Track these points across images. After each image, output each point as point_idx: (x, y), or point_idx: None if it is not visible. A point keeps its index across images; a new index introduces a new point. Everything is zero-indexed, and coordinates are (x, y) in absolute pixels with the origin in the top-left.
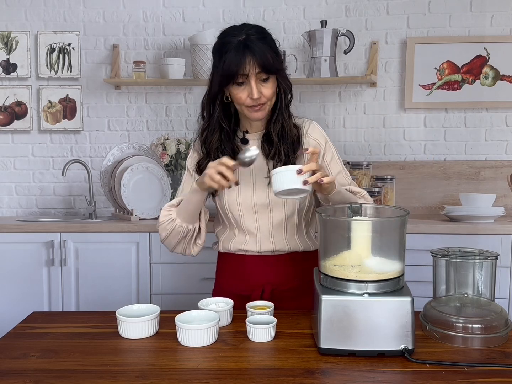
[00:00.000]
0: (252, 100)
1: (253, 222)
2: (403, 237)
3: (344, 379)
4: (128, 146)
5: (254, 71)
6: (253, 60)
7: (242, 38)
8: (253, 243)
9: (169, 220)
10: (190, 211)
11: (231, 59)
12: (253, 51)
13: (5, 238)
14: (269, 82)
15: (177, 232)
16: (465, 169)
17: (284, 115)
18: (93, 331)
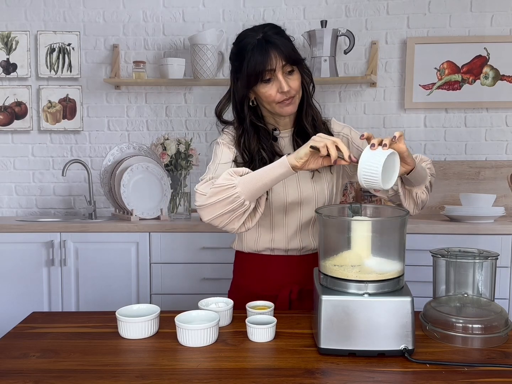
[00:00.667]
0: (283, 94)
1: (282, 219)
2: (403, 237)
3: (344, 379)
4: (128, 146)
5: (280, 64)
6: (277, 54)
7: (261, 36)
8: (280, 241)
9: (229, 185)
10: (261, 186)
11: (256, 57)
12: (276, 45)
13: (5, 238)
14: (294, 74)
15: (231, 201)
16: (465, 169)
17: (313, 106)
18: (93, 331)
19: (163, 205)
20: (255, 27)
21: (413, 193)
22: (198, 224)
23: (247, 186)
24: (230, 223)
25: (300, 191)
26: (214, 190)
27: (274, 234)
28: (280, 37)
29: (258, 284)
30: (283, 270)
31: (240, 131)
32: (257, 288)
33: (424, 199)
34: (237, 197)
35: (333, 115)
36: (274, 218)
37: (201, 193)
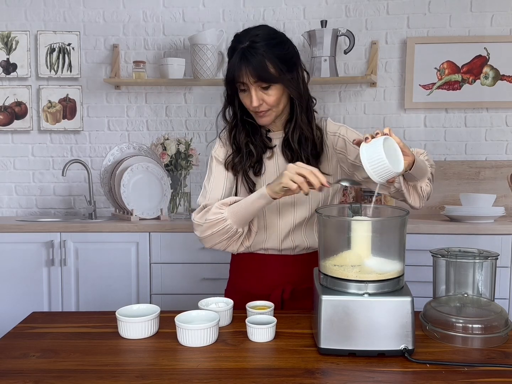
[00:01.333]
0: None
1: (275, 220)
2: (403, 237)
3: (344, 379)
4: (128, 146)
5: (251, 80)
6: (249, 71)
7: (245, 45)
8: (274, 241)
9: (220, 219)
10: (247, 215)
11: (231, 67)
12: (249, 61)
13: (5, 238)
14: (271, 90)
15: (225, 232)
16: (465, 169)
17: (302, 122)
18: (93, 331)
19: (163, 205)
20: (250, 30)
21: (418, 188)
22: None
23: (236, 217)
24: (229, 247)
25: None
26: (207, 225)
27: (267, 234)
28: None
29: (252, 284)
30: (278, 270)
31: (233, 123)
32: (252, 288)
33: (429, 191)
34: (230, 228)
35: (333, 115)
36: (267, 219)
37: (198, 223)
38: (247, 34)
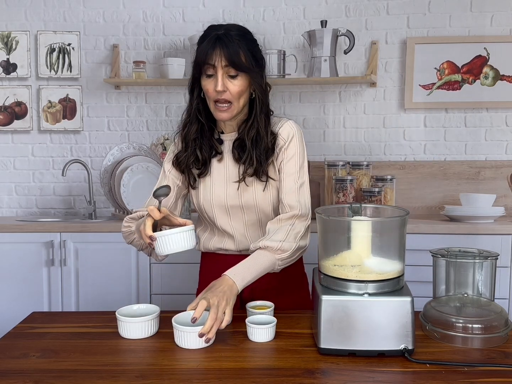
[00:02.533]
0: (217, 93)
1: (228, 223)
2: (403, 237)
3: (344, 379)
4: (128, 146)
5: (221, 63)
6: (221, 52)
7: (220, 32)
8: (231, 243)
9: (128, 232)
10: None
11: (203, 48)
12: (224, 43)
13: (5, 238)
14: (237, 80)
15: (137, 244)
16: (465, 169)
17: (260, 121)
18: (93, 331)
19: None
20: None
21: None
22: None
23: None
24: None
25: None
26: (123, 235)
27: (223, 236)
28: (238, 40)
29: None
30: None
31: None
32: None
33: None
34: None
35: (333, 115)
36: (219, 220)
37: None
38: (222, 26)
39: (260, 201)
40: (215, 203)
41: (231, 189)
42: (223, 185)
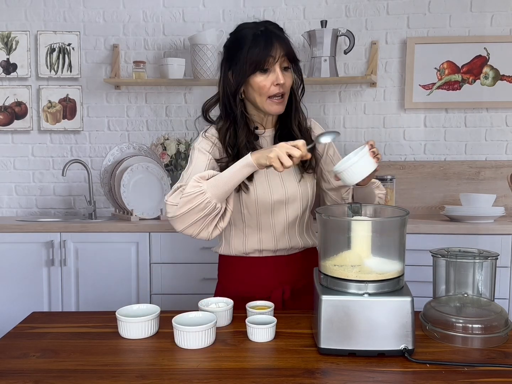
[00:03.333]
0: (277, 86)
1: (269, 219)
2: (403, 237)
3: (344, 379)
4: (128, 146)
5: (281, 54)
6: (280, 45)
7: (263, 28)
8: (269, 241)
9: (198, 192)
10: (229, 187)
11: (259, 44)
12: (280, 36)
13: (5, 238)
14: (289, 72)
15: (203, 207)
16: (465, 169)
17: (300, 110)
18: (93, 331)
19: (163, 205)
20: (255, 22)
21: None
22: None
23: (216, 190)
24: (203, 230)
25: (284, 190)
26: (184, 200)
27: (261, 234)
28: (281, 33)
29: (247, 287)
30: (272, 271)
31: (227, 125)
32: (246, 291)
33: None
34: (208, 202)
35: (333, 115)
36: (261, 218)
37: (171, 204)
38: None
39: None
40: (259, 200)
41: (274, 184)
42: (265, 182)
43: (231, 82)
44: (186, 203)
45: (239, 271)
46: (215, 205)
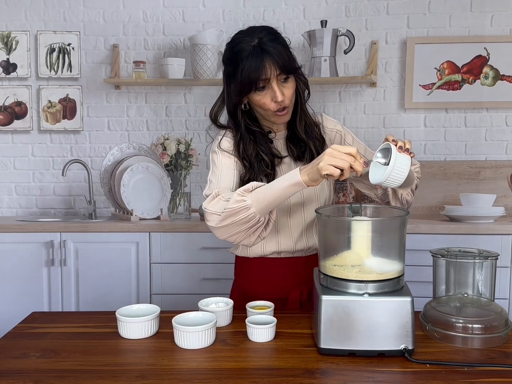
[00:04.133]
0: (277, 103)
1: (286, 221)
2: (403, 237)
3: (344, 379)
4: (128, 146)
5: (275, 73)
6: (272, 63)
7: (256, 42)
8: (287, 243)
9: (242, 207)
10: (274, 203)
11: (250, 65)
12: (271, 53)
13: (5, 238)
14: (289, 82)
15: (246, 221)
16: (465, 169)
17: (306, 112)
18: (93, 331)
19: (163, 205)
20: (250, 30)
21: (399, 194)
22: (198, 224)
23: (261, 204)
24: (246, 239)
25: (302, 192)
26: (227, 213)
27: (280, 237)
28: (276, 44)
29: (265, 288)
30: (290, 272)
31: (238, 137)
32: (264, 292)
33: (409, 200)
34: (253, 217)
35: (333, 115)
36: (279, 221)
37: (213, 212)
38: (251, 33)
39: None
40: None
41: None
42: None
43: (232, 96)
44: (230, 216)
45: (257, 272)
46: (258, 218)
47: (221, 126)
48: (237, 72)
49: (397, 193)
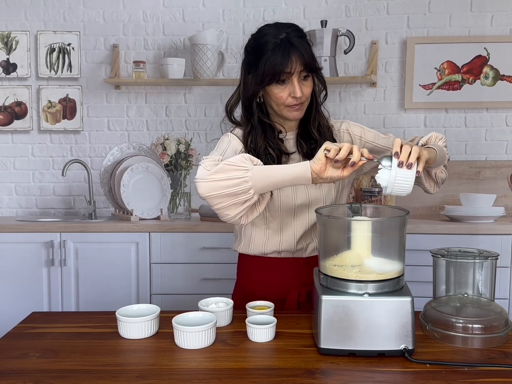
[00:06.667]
0: (294, 99)
1: (291, 221)
2: (403, 237)
3: (344, 379)
4: (128, 146)
5: (299, 69)
6: (298, 58)
7: (284, 36)
8: (288, 243)
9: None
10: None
11: (276, 57)
12: (298, 49)
13: (5, 238)
14: (308, 81)
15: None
16: (465, 169)
17: (321, 113)
18: (93, 331)
19: (163, 205)
20: (278, 24)
21: (432, 174)
22: (198, 224)
23: (260, 176)
24: (227, 208)
25: (308, 193)
26: (224, 167)
27: (282, 236)
28: (302, 41)
29: (265, 287)
30: (290, 273)
31: (248, 129)
32: (264, 292)
33: (443, 177)
34: (245, 182)
35: (333, 115)
36: (283, 220)
37: (206, 168)
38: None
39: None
40: (283, 203)
41: (298, 187)
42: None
43: (249, 86)
44: (225, 171)
45: (257, 271)
46: (249, 188)
47: (234, 121)
48: (260, 62)
49: (430, 173)
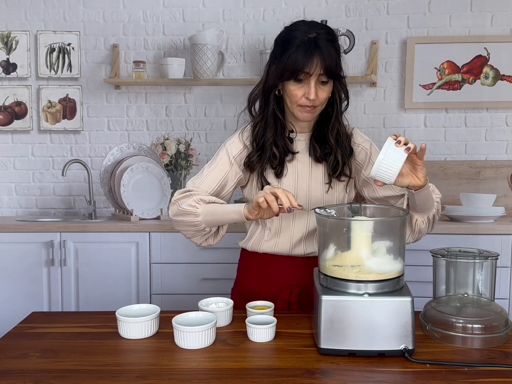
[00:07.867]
0: (307, 100)
1: (289, 226)
2: (403, 237)
3: (344, 379)
4: (128, 146)
5: (318, 72)
6: (320, 61)
7: (313, 35)
8: (284, 246)
9: (192, 212)
10: (219, 221)
11: (298, 55)
12: (322, 51)
13: (5, 238)
14: (327, 86)
15: (193, 225)
16: (465, 169)
17: (340, 121)
18: (93, 331)
19: (163, 205)
20: (312, 23)
21: (413, 219)
22: None
23: (209, 217)
24: (193, 238)
25: (309, 197)
26: (180, 211)
27: (279, 239)
28: (330, 45)
29: (260, 284)
30: (287, 271)
31: (260, 117)
32: (259, 288)
33: (423, 229)
34: (199, 224)
35: None
36: (281, 224)
37: (173, 202)
38: (312, 26)
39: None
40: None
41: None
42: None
43: (270, 76)
44: (180, 215)
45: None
46: (204, 227)
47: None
48: (283, 56)
49: (412, 218)
